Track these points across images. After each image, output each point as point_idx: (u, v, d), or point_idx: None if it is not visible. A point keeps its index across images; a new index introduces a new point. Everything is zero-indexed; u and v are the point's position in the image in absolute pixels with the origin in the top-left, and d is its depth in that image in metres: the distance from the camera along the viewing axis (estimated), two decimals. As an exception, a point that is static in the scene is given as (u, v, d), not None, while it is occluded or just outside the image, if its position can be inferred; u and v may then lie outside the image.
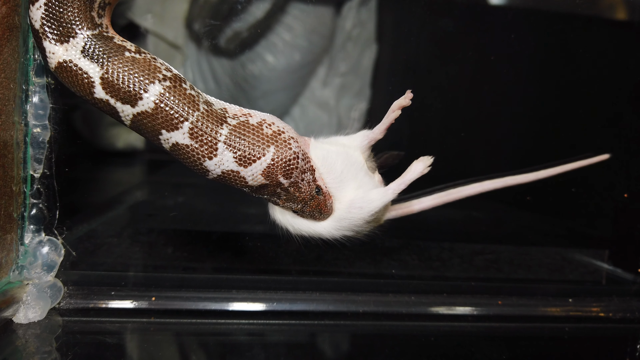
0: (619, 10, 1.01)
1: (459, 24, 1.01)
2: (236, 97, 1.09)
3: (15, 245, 0.66)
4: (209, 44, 1.04)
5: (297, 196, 0.57)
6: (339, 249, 0.62)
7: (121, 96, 0.52)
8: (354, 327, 0.76)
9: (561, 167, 0.75)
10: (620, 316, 0.84)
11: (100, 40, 0.53)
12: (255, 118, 0.56)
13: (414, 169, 0.57)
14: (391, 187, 0.58)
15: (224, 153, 0.53)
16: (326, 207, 0.58)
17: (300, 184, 0.57)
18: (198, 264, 0.84)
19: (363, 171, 0.59)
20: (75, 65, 0.52)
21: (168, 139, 0.53)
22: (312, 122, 1.17)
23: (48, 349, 0.60)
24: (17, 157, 0.64)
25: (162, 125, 0.53)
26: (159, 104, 0.52)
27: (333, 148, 0.59)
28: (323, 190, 0.58)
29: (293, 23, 1.06)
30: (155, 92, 0.52)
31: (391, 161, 0.66)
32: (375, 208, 0.58)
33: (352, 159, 0.59)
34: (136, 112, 0.53)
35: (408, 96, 0.58)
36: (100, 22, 0.54)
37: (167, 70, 0.54)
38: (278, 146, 0.55)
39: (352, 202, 0.58)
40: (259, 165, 0.54)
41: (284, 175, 0.55)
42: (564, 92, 1.05)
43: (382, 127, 0.60)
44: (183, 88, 0.53)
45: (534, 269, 0.94)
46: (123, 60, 0.52)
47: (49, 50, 0.53)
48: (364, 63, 1.16)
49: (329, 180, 0.58)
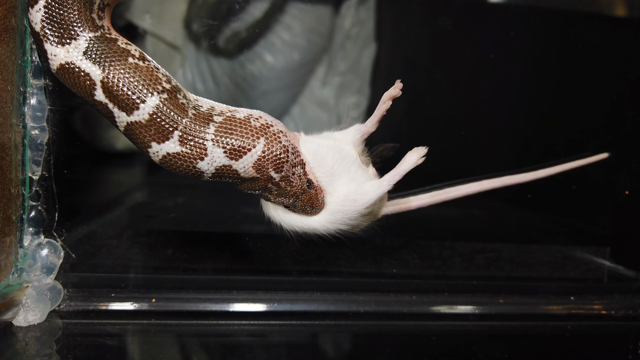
0: (618, 7, 1.01)
1: (458, 22, 1.01)
2: (235, 97, 1.09)
3: (15, 247, 0.66)
4: (208, 44, 1.04)
5: (289, 190, 0.57)
6: (340, 248, 0.62)
7: (119, 102, 0.52)
8: (355, 327, 0.75)
9: (560, 167, 0.75)
10: (623, 314, 0.84)
11: (103, 43, 0.53)
12: (242, 113, 0.56)
13: (409, 159, 0.57)
14: (386, 178, 0.58)
15: (213, 151, 0.53)
16: (317, 201, 0.58)
17: (292, 178, 0.57)
18: (198, 265, 0.83)
19: (356, 164, 0.59)
20: (77, 67, 0.52)
21: (158, 151, 0.53)
22: (312, 122, 1.16)
23: (48, 352, 0.60)
24: (15, 160, 0.64)
25: (154, 137, 0.53)
26: (154, 117, 0.52)
27: (324, 142, 0.59)
28: (314, 184, 0.58)
29: (292, 22, 1.05)
30: (153, 104, 0.52)
31: (386, 153, 0.66)
32: (370, 200, 0.58)
33: (343, 153, 0.59)
34: (131, 120, 0.53)
35: (398, 86, 0.58)
36: (101, 24, 0.54)
37: (167, 81, 0.54)
38: (268, 138, 0.55)
39: (346, 195, 0.58)
40: (249, 158, 0.54)
41: (274, 169, 0.55)
42: (563, 89, 1.05)
43: (374, 120, 0.60)
44: (177, 99, 0.53)
45: (535, 267, 0.94)
46: (126, 67, 0.52)
47: (50, 53, 0.53)
48: (363, 62, 1.16)
49: (320, 174, 0.58)
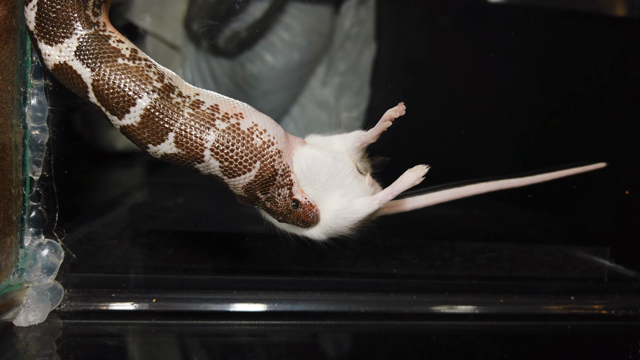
0: (618, 7, 1.01)
1: (457, 21, 1.01)
2: (235, 97, 1.08)
3: (15, 248, 0.66)
4: (208, 44, 1.04)
5: (275, 210, 0.57)
6: (340, 249, 0.62)
7: (110, 107, 0.51)
8: (355, 327, 0.75)
9: (557, 173, 0.75)
10: (623, 313, 0.84)
11: (95, 41, 0.51)
12: (247, 122, 0.54)
13: (405, 179, 0.56)
14: (378, 197, 0.57)
15: (210, 160, 0.53)
16: (308, 218, 0.57)
17: (277, 199, 0.57)
18: (198, 265, 0.83)
19: (351, 177, 0.58)
20: (69, 68, 0.51)
21: (156, 151, 0.53)
22: (312, 122, 1.16)
23: (49, 352, 0.60)
24: (15, 160, 0.64)
25: (149, 138, 0.52)
26: (146, 119, 0.51)
27: (319, 154, 0.58)
28: (302, 203, 0.57)
29: (292, 22, 1.05)
30: (143, 106, 0.51)
31: (378, 169, 0.65)
32: (359, 218, 0.57)
33: (339, 165, 0.58)
34: (123, 124, 0.52)
35: (400, 108, 0.56)
36: (96, 21, 0.52)
37: (158, 80, 0.52)
38: (263, 162, 0.54)
39: (337, 212, 0.58)
40: (242, 180, 0.54)
41: (261, 191, 0.56)
42: (563, 88, 1.05)
43: (374, 134, 0.59)
44: (170, 98, 0.52)
45: (535, 267, 0.94)
46: (115, 68, 0.51)
47: (44, 52, 0.52)
48: (363, 62, 1.16)
49: (313, 190, 0.57)
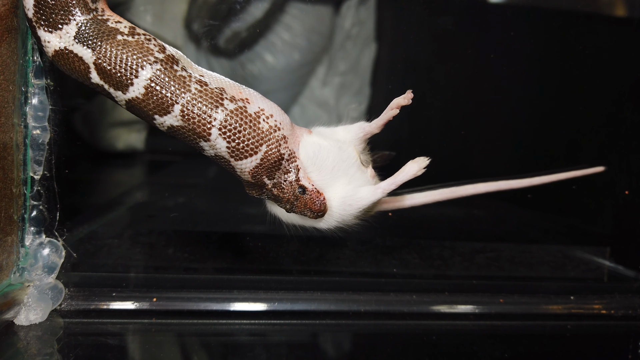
0: (618, 7, 1.01)
1: (458, 22, 1.01)
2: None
3: (16, 247, 0.66)
4: (208, 44, 1.04)
5: (282, 197, 0.57)
6: (340, 248, 0.62)
7: (113, 82, 0.52)
8: (355, 326, 0.75)
9: (556, 176, 0.75)
10: (622, 313, 0.84)
11: (93, 24, 0.52)
12: (253, 106, 0.55)
13: (408, 169, 0.56)
14: (381, 186, 0.57)
15: (217, 139, 0.53)
16: (315, 205, 0.57)
17: (283, 185, 0.56)
18: (199, 264, 0.83)
19: (355, 166, 0.59)
20: (70, 52, 0.52)
21: (162, 122, 0.53)
22: (312, 121, 1.16)
23: (49, 351, 0.60)
24: (17, 159, 0.64)
25: (154, 110, 0.52)
26: (149, 90, 0.52)
27: (325, 143, 0.58)
28: (308, 189, 0.57)
29: (292, 22, 1.06)
30: (146, 77, 0.51)
31: (381, 162, 0.65)
32: (363, 206, 0.57)
33: (344, 155, 0.58)
34: (128, 98, 0.52)
35: (408, 96, 0.57)
36: (95, 7, 0.53)
37: (160, 51, 0.53)
38: (269, 146, 0.54)
39: (343, 199, 0.58)
40: (248, 163, 0.54)
41: (267, 176, 0.56)
42: (563, 89, 1.05)
43: (380, 123, 0.59)
44: (174, 70, 0.52)
45: (535, 267, 0.94)
46: (114, 44, 0.51)
47: (44, 39, 0.52)
48: (364, 62, 1.16)
49: (319, 177, 0.58)
